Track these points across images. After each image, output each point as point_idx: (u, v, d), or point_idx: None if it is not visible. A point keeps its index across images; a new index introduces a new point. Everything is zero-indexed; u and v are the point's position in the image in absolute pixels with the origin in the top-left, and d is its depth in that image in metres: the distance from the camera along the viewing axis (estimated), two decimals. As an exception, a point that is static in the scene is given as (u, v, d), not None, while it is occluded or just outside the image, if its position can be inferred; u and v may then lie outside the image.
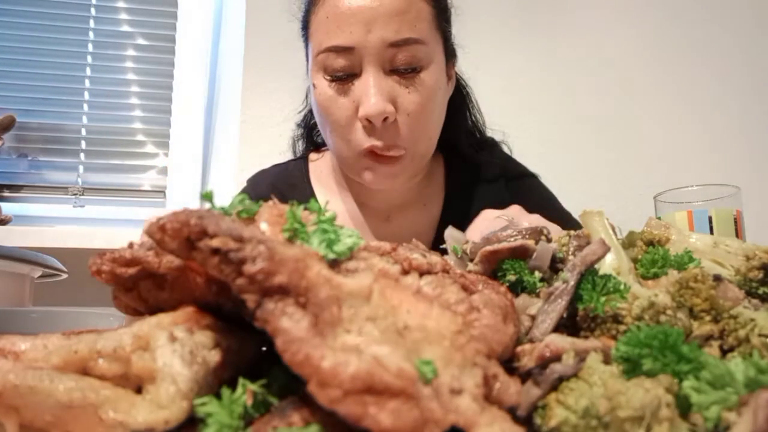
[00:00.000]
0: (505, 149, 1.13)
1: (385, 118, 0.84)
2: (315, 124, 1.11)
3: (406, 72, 0.86)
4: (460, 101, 1.06)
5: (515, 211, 0.75)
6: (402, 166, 0.89)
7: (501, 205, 1.04)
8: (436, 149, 1.03)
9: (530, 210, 0.99)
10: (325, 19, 0.86)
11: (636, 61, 2.02)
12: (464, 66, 1.07)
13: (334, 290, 0.27)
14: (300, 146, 1.15)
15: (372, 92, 0.83)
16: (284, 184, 1.05)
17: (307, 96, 1.13)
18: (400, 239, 1.03)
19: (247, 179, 1.11)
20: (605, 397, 0.26)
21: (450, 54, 0.98)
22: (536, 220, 0.72)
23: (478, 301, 0.32)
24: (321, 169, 1.07)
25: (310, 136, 1.14)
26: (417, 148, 0.89)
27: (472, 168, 1.06)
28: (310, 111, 1.12)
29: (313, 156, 1.11)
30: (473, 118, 1.09)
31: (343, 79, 0.86)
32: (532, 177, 1.10)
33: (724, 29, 2.09)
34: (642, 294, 0.36)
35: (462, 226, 0.49)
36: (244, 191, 1.07)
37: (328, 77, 0.87)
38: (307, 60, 0.95)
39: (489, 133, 1.13)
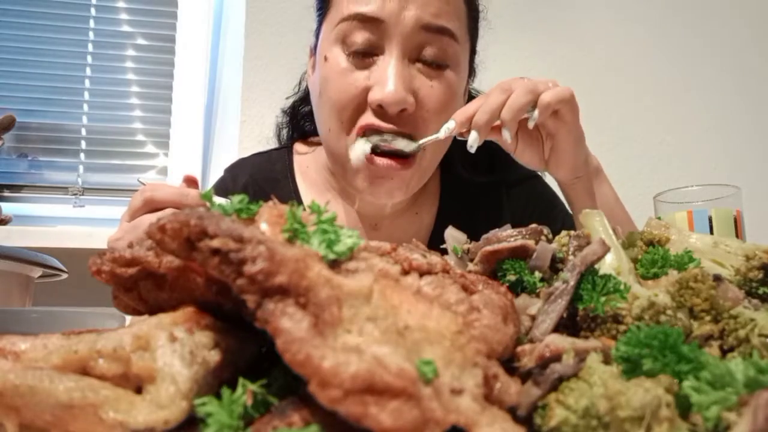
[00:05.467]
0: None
1: (403, 110, 0.74)
2: (304, 112, 1.02)
3: (432, 65, 0.76)
4: None
5: None
6: (403, 179, 0.78)
7: (499, 213, 0.97)
8: None
9: (531, 214, 0.90)
10: None
11: (636, 61, 2.02)
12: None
13: (334, 290, 0.27)
14: (285, 135, 1.05)
15: (392, 77, 0.72)
16: (265, 178, 0.96)
17: (300, 82, 1.04)
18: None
19: (226, 168, 1.01)
20: (605, 397, 0.26)
21: (471, 70, 0.90)
22: None
23: (478, 301, 0.32)
24: (308, 165, 0.97)
25: (297, 124, 1.04)
26: (426, 155, 0.79)
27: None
28: (301, 98, 1.03)
29: (300, 148, 1.00)
30: None
31: (362, 55, 0.75)
32: (533, 178, 1.02)
33: (724, 29, 2.09)
34: (642, 294, 0.36)
35: None
36: (222, 180, 0.99)
37: (346, 50, 0.76)
38: (316, 37, 0.85)
39: None
